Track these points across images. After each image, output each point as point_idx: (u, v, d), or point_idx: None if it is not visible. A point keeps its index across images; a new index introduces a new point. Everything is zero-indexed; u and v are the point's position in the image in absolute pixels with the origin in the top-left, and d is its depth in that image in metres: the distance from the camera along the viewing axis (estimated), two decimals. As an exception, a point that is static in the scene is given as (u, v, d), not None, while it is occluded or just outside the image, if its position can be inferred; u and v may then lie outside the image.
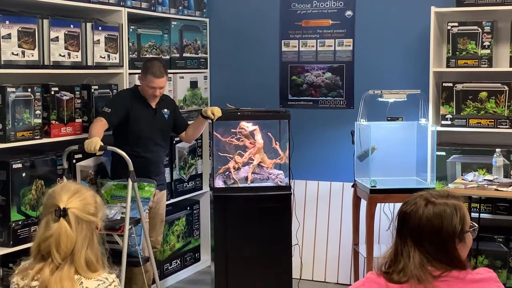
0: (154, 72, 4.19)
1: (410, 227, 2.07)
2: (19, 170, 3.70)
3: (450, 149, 4.69)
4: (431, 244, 2.04)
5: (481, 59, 4.58)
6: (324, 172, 5.28)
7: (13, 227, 3.68)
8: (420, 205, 2.08)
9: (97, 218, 2.20)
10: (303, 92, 5.41)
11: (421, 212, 2.06)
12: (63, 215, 2.11)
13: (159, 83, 4.23)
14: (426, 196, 2.11)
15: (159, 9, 4.98)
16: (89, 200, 2.19)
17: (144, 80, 4.24)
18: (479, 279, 2.05)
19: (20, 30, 3.70)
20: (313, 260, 5.24)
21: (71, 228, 2.11)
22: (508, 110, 4.53)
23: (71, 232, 2.11)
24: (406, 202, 2.13)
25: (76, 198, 2.16)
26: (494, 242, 4.57)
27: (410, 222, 2.08)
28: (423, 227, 2.05)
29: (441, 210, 2.06)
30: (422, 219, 2.06)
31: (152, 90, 4.23)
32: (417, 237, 2.05)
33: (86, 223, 2.14)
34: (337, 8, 5.27)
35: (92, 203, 2.20)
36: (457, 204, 2.09)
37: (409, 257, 2.04)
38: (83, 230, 2.13)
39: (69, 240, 2.10)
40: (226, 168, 4.69)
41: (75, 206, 2.14)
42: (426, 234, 2.04)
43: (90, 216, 2.16)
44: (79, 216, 2.13)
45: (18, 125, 3.72)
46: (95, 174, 4.28)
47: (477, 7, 4.58)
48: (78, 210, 2.13)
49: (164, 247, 5.03)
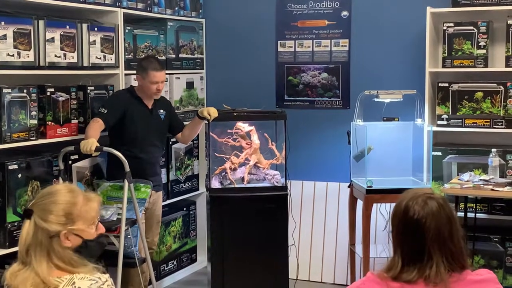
0: (155, 67, 4.24)
1: (430, 231, 2.04)
2: (15, 171, 3.70)
3: (446, 149, 4.69)
4: (453, 244, 2.03)
5: (476, 59, 4.59)
6: (320, 173, 5.28)
7: (9, 228, 3.67)
8: (432, 207, 2.06)
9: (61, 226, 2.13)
10: (299, 92, 5.41)
11: (437, 215, 2.05)
12: (27, 215, 2.15)
13: (161, 76, 4.25)
14: (425, 197, 2.09)
15: (155, 9, 4.98)
16: (52, 207, 2.14)
17: (146, 78, 4.23)
18: (479, 280, 2.05)
19: (16, 31, 3.69)
20: (310, 260, 5.24)
21: (29, 229, 2.12)
22: (503, 110, 4.54)
23: (27, 232, 2.12)
24: (408, 205, 2.09)
25: (43, 203, 2.15)
26: (490, 242, 4.58)
27: (429, 227, 2.04)
28: (443, 229, 2.04)
29: (450, 208, 2.08)
30: (441, 220, 2.05)
31: (155, 85, 4.24)
32: (439, 240, 2.03)
33: (41, 230, 2.12)
34: (333, 8, 5.27)
35: (55, 211, 2.14)
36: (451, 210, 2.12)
37: (432, 261, 2.01)
38: (38, 236, 2.11)
39: (23, 238, 2.12)
40: (222, 169, 4.69)
41: (36, 210, 2.14)
42: (447, 236, 2.04)
43: (44, 223, 2.11)
44: (35, 222, 2.12)
45: (14, 126, 3.71)
46: (91, 175, 4.28)
47: (472, 7, 4.59)
48: (36, 215, 2.13)
49: (161, 248, 5.02)
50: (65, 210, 2.15)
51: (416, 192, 2.12)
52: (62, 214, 2.15)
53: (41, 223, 2.12)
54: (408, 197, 2.10)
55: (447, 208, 2.08)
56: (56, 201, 2.16)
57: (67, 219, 2.15)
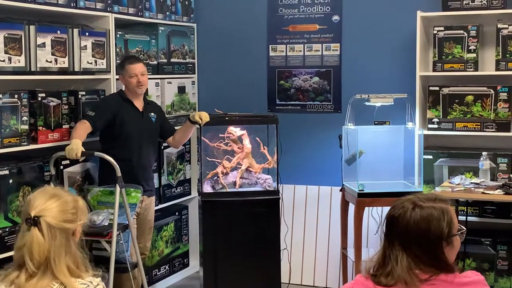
0: (131, 61, 4.30)
1: (398, 231, 2.08)
2: (6, 176, 3.69)
3: (437, 152, 4.71)
4: (419, 248, 2.05)
5: (467, 63, 4.61)
6: (312, 177, 5.29)
7: (0, 234, 3.66)
8: (408, 209, 2.09)
9: (75, 224, 2.14)
10: (291, 96, 5.42)
11: (408, 216, 2.07)
12: (34, 223, 2.05)
13: (138, 67, 4.27)
14: (414, 199, 2.12)
15: (146, 14, 4.98)
16: (65, 206, 2.12)
17: (125, 75, 4.26)
18: (467, 282, 2.06)
19: (7, 36, 3.69)
20: (302, 264, 5.25)
21: (43, 236, 2.04)
22: (494, 113, 4.56)
23: (42, 241, 2.04)
24: (394, 206, 2.14)
25: (51, 204, 2.10)
26: (482, 245, 4.59)
27: (398, 225, 2.09)
28: (411, 231, 2.06)
29: (428, 213, 2.07)
30: (409, 222, 2.07)
31: (135, 78, 4.24)
32: (405, 241, 2.06)
33: (59, 230, 2.07)
34: (324, 13, 5.29)
35: (68, 209, 2.12)
36: (445, 208, 2.10)
37: (397, 261, 2.05)
38: (57, 238, 2.06)
39: (41, 249, 2.04)
40: (214, 173, 4.69)
41: (48, 214, 2.07)
42: (413, 238, 2.05)
43: (64, 223, 2.09)
44: (51, 224, 2.06)
45: (5, 132, 3.70)
46: (83, 180, 4.27)
47: (462, 11, 4.62)
48: (51, 217, 2.06)
49: (153, 252, 5.01)
50: (75, 207, 2.15)
51: (416, 195, 2.14)
52: (74, 211, 2.14)
53: (60, 223, 2.07)
54: (405, 199, 2.13)
55: (443, 214, 2.08)
56: (66, 200, 2.14)
57: (77, 215, 2.15)
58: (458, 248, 2.13)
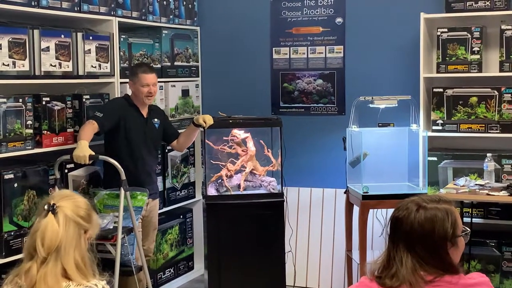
0: (144, 70, 4.30)
1: (402, 232, 2.08)
2: (11, 180, 3.70)
3: (441, 154, 4.71)
4: (423, 249, 2.04)
5: (470, 64, 4.61)
6: (316, 179, 5.29)
7: (5, 238, 3.67)
8: (412, 210, 2.09)
9: (87, 224, 2.22)
10: (295, 99, 5.42)
11: (412, 217, 2.07)
12: (52, 211, 2.15)
13: (151, 78, 4.27)
14: (418, 201, 2.12)
15: (150, 18, 4.99)
16: (81, 204, 2.23)
17: (136, 82, 4.25)
18: (472, 283, 2.06)
19: (11, 40, 3.70)
20: (307, 266, 5.24)
21: (58, 224, 2.13)
22: (498, 114, 4.55)
23: (57, 227, 2.13)
24: (398, 207, 2.14)
25: (68, 199, 2.21)
26: (487, 246, 4.58)
27: (402, 227, 2.08)
28: (415, 232, 2.06)
29: (432, 214, 2.07)
30: (413, 224, 2.07)
31: (146, 88, 4.25)
32: (409, 242, 2.06)
33: (74, 224, 2.17)
34: (327, 15, 5.29)
35: (83, 208, 2.22)
36: (449, 209, 2.10)
37: (401, 262, 2.05)
38: (70, 230, 2.15)
39: (54, 234, 2.12)
40: (218, 176, 4.69)
41: (66, 205, 2.17)
42: (418, 239, 2.05)
43: (79, 218, 2.18)
44: (67, 215, 2.16)
45: (10, 136, 3.72)
46: (87, 184, 4.28)
47: (466, 12, 4.61)
48: (67, 209, 2.16)
49: (158, 255, 5.02)
50: (89, 212, 2.25)
51: (421, 196, 2.14)
52: (89, 214, 2.24)
53: (76, 217, 2.17)
54: (410, 200, 2.13)
55: (447, 214, 2.08)
56: (83, 201, 2.26)
57: (90, 220, 2.24)
58: (463, 249, 2.13)
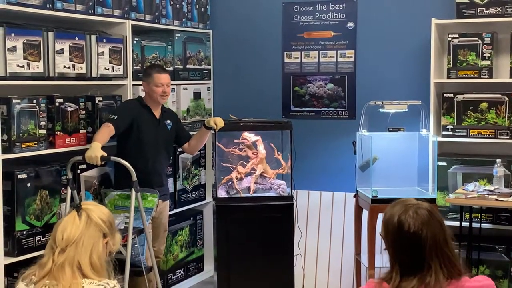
0: (158, 70, 4.37)
1: (427, 240, 2.08)
2: (24, 180, 3.74)
3: (451, 159, 4.71)
4: (446, 250, 2.07)
5: (481, 70, 4.62)
6: (326, 182, 5.31)
7: (18, 237, 3.71)
8: (424, 217, 2.11)
9: (108, 229, 2.39)
10: (306, 103, 5.44)
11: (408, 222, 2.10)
12: (77, 209, 2.37)
13: (164, 78, 4.33)
14: (405, 204, 2.15)
15: (163, 21, 5.04)
16: (105, 211, 2.45)
17: (150, 82, 4.30)
18: (477, 286, 2.08)
19: (26, 42, 3.75)
20: (316, 270, 5.26)
21: (80, 221, 2.34)
22: (508, 120, 4.56)
23: (78, 222, 2.33)
24: (388, 213, 2.16)
25: (94, 205, 2.45)
26: (495, 252, 4.58)
27: (426, 236, 2.08)
28: (436, 236, 2.08)
29: (440, 218, 2.11)
30: (433, 228, 2.08)
31: (160, 88, 4.30)
32: (436, 247, 2.07)
33: (95, 225, 2.34)
34: (339, 20, 5.32)
35: (106, 214, 2.44)
36: (434, 209, 2.17)
37: (430, 268, 2.05)
38: (91, 229, 2.33)
39: (74, 227, 2.32)
40: (228, 179, 4.73)
41: (91, 208, 2.39)
42: (440, 242, 2.07)
43: (100, 221, 2.38)
44: (90, 216, 2.36)
45: (23, 136, 3.76)
46: (99, 184, 4.32)
47: (477, 18, 4.62)
48: (91, 211, 2.37)
49: (168, 257, 5.05)
50: (113, 224, 2.44)
51: (404, 204, 2.16)
52: (112, 224, 2.44)
53: (97, 220, 2.36)
54: (398, 211, 2.14)
55: (436, 214, 2.13)
56: (108, 212, 2.48)
57: (112, 230, 2.43)
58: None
